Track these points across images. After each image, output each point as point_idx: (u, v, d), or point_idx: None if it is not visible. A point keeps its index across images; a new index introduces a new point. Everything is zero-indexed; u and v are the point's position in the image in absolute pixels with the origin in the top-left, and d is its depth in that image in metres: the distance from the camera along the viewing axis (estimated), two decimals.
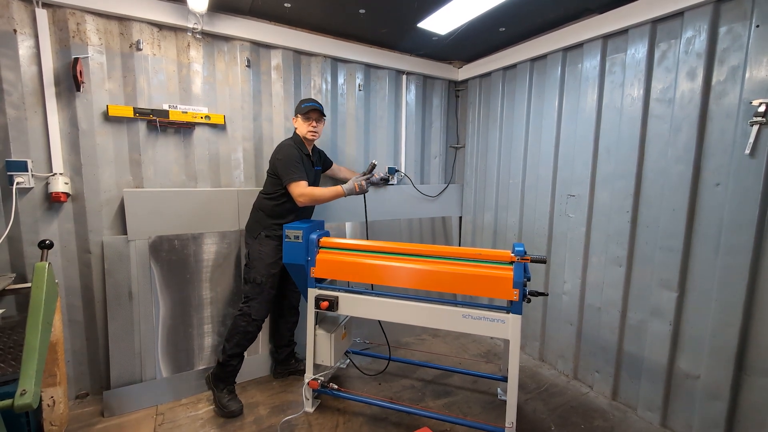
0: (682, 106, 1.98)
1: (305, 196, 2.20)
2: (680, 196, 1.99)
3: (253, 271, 2.27)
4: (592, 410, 2.27)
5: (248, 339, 2.26)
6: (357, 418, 2.17)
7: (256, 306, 2.24)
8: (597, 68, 2.37)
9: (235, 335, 2.23)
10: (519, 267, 1.82)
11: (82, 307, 2.25)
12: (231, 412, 2.14)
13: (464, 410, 2.26)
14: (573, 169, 2.54)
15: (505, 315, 1.85)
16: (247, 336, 2.25)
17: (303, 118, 2.31)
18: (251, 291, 2.27)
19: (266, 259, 2.27)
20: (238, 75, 2.54)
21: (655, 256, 2.12)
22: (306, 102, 2.33)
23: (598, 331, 2.42)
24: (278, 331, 2.59)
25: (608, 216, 2.34)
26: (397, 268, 1.99)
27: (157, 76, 2.31)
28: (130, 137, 2.28)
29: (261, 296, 2.25)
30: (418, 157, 3.40)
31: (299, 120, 2.34)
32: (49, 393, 1.94)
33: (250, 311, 2.23)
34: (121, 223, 2.28)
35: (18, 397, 1.30)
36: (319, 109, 2.31)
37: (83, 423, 2.07)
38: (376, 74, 3.09)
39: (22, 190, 2.05)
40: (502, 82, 3.08)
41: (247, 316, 2.23)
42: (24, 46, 2.00)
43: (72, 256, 2.21)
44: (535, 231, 2.84)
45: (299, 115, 2.32)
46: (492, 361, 2.83)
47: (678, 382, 2.05)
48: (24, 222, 2.07)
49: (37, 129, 2.06)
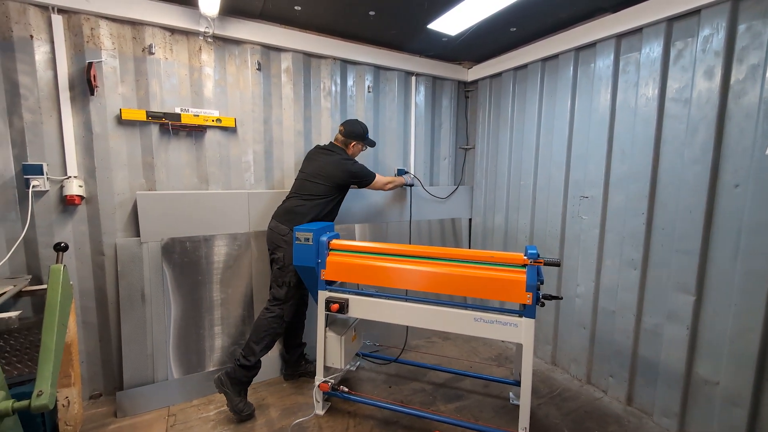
0: (699, 105, 1.93)
1: (392, 183, 2.74)
2: (697, 197, 1.95)
3: (289, 274, 2.27)
4: (606, 416, 2.23)
5: (273, 340, 2.27)
6: (367, 421, 2.15)
7: (288, 309, 2.28)
8: (610, 68, 2.33)
9: (266, 337, 2.21)
10: (532, 270, 1.80)
11: (95, 309, 2.27)
12: (247, 416, 2.13)
13: (476, 414, 2.23)
14: (586, 170, 2.50)
15: (518, 319, 1.82)
16: (276, 338, 2.28)
17: (363, 147, 2.61)
18: (286, 294, 2.27)
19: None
20: (248, 78, 2.55)
21: (671, 259, 2.08)
22: (368, 133, 2.62)
23: (612, 335, 2.38)
24: (293, 331, 2.58)
25: (622, 218, 2.30)
26: (408, 271, 1.98)
27: (170, 79, 2.33)
28: (143, 140, 2.30)
29: (294, 299, 2.29)
30: (427, 158, 3.38)
31: (359, 147, 2.59)
32: (64, 393, 1.96)
33: (284, 313, 2.25)
34: (134, 226, 2.31)
35: (35, 398, 1.31)
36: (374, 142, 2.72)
37: (97, 423, 2.09)
38: (385, 76, 3.09)
39: (37, 193, 2.08)
40: (512, 83, 3.05)
41: (280, 318, 2.25)
42: (40, 51, 2.03)
43: (86, 258, 2.23)
44: (547, 233, 2.80)
45: (362, 143, 2.59)
46: (503, 365, 2.80)
47: (696, 388, 2.00)
48: (39, 225, 2.10)
49: (53, 133, 2.10)
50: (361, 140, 2.55)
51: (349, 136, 2.51)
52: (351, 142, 2.51)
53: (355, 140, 2.52)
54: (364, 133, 2.55)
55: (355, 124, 2.53)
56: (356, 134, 2.52)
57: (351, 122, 2.54)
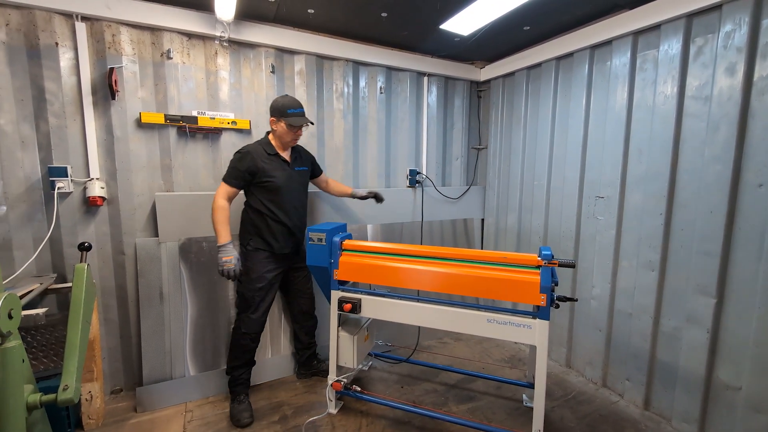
0: (721, 103, 1.88)
1: (213, 204, 2.11)
2: (718, 197, 1.90)
3: (241, 285, 2.24)
4: (622, 420, 2.19)
5: (243, 351, 2.23)
6: (380, 420, 2.17)
7: (246, 320, 2.20)
8: (627, 65, 2.29)
9: (232, 348, 2.25)
10: (546, 271, 1.78)
11: (116, 306, 2.35)
12: (240, 424, 2.09)
13: (489, 416, 2.22)
14: (602, 170, 2.46)
15: (532, 320, 1.80)
16: (242, 349, 2.22)
17: (288, 127, 2.17)
18: (240, 305, 2.25)
19: (251, 274, 2.21)
20: (263, 81, 2.59)
21: (690, 261, 2.03)
22: (293, 109, 2.17)
23: (629, 338, 2.33)
24: (296, 336, 2.61)
25: (640, 218, 2.26)
26: (421, 271, 1.98)
27: (187, 83, 2.39)
28: (161, 143, 2.36)
29: (249, 310, 2.21)
30: (439, 158, 3.38)
31: (282, 126, 2.17)
32: (87, 388, 2.04)
33: (240, 325, 2.21)
34: (153, 226, 2.37)
35: (61, 392, 1.36)
36: (310, 123, 2.27)
37: (118, 417, 2.16)
38: (397, 76, 3.10)
39: (62, 194, 2.15)
40: (526, 82, 3.02)
41: (237, 330, 2.22)
42: (65, 58, 2.11)
43: (107, 257, 2.31)
44: (561, 234, 2.77)
45: (283, 120, 2.16)
46: (516, 367, 2.78)
47: (717, 393, 1.95)
48: (64, 225, 2.18)
49: (76, 136, 2.17)
50: (277, 115, 2.16)
51: (271, 114, 2.21)
52: (271, 118, 2.21)
53: (272, 116, 2.20)
54: (282, 107, 2.15)
55: (276, 99, 2.22)
56: (272, 108, 2.19)
57: (276, 98, 2.24)
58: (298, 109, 2.20)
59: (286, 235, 2.28)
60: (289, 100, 2.20)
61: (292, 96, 2.25)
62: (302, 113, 2.23)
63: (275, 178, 2.19)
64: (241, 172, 2.13)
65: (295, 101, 2.22)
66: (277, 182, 2.19)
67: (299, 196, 2.37)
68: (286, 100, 2.20)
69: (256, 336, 2.25)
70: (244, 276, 2.21)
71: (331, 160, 2.91)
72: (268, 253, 2.24)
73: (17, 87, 2.03)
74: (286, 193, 2.25)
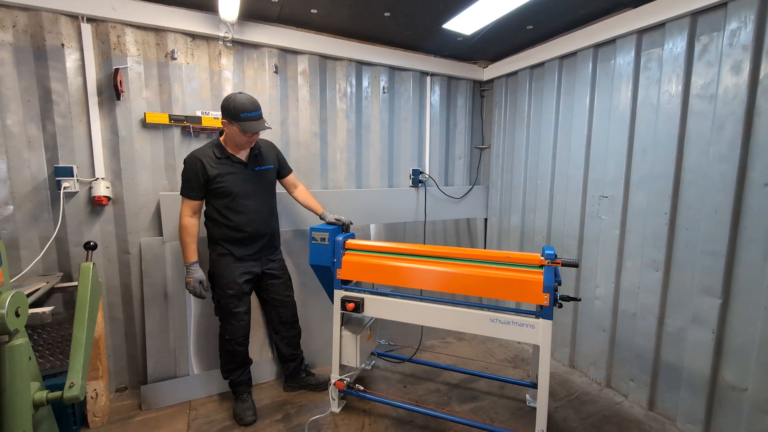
0: (726, 102, 1.87)
1: (180, 224, 2.04)
2: (724, 197, 1.88)
3: (215, 293, 2.17)
4: (627, 420, 2.18)
5: (234, 355, 2.18)
6: (382, 420, 2.17)
7: (227, 326, 2.15)
8: (631, 64, 2.28)
9: (222, 355, 2.22)
10: (549, 270, 1.77)
11: (121, 305, 2.37)
12: (243, 422, 2.11)
13: (492, 416, 2.22)
14: (606, 169, 2.45)
15: (535, 320, 1.80)
16: (230, 354, 2.18)
17: (241, 131, 1.94)
18: (218, 311, 2.20)
19: (220, 281, 2.12)
20: (266, 81, 2.60)
21: (695, 261, 2.01)
22: (247, 112, 1.91)
23: (633, 338, 2.32)
24: (277, 348, 2.45)
25: (644, 218, 2.24)
26: (424, 271, 1.98)
27: (191, 83, 2.40)
28: (166, 143, 2.38)
29: (227, 317, 2.14)
30: (442, 158, 3.37)
31: (234, 129, 1.95)
32: (92, 386, 2.05)
33: (224, 332, 2.17)
34: (158, 225, 2.39)
35: (67, 390, 1.38)
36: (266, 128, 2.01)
37: (123, 415, 2.18)
38: (400, 76, 3.10)
39: (68, 194, 2.18)
40: (529, 81, 3.01)
41: (221, 336, 2.19)
42: (71, 59, 2.13)
43: (112, 256, 2.33)
44: (564, 233, 2.76)
45: (235, 124, 1.93)
46: (519, 367, 2.77)
47: (722, 394, 1.93)
48: (70, 224, 2.20)
49: (82, 136, 2.19)
50: (228, 118, 1.93)
51: (222, 114, 1.98)
52: (223, 120, 1.98)
53: (223, 117, 1.97)
54: (234, 110, 1.90)
55: (229, 97, 1.93)
56: (223, 108, 1.95)
57: (229, 95, 1.95)
58: (252, 112, 1.93)
59: (249, 242, 2.14)
60: (243, 100, 1.92)
61: (246, 94, 1.98)
62: (258, 116, 1.96)
63: (226, 183, 2.01)
64: (193, 181, 1.99)
65: (249, 102, 1.93)
66: (229, 187, 2.02)
67: (263, 199, 2.18)
68: (239, 100, 1.91)
69: (243, 339, 2.18)
70: (214, 282, 2.15)
71: (334, 160, 2.91)
72: (234, 258, 2.12)
73: (24, 88, 2.06)
74: (244, 197, 2.07)
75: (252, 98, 1.97)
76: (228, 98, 1.95)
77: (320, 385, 2.45)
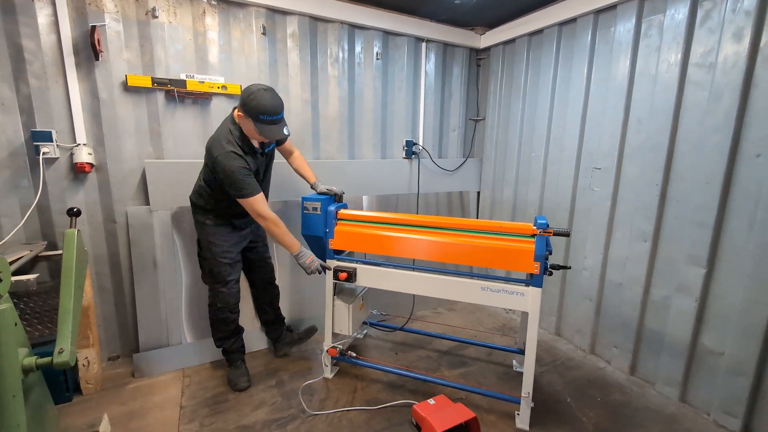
0: (725, 71, 1.84)
1: (268, 221, 1.92)
2: (715, 168, 1.89)
3: (206, 261, 2.13)
4: (609, 384, 2.27)
5: (226, 324, 2.16)
6: (374, 384, 2.23)
7: (219, 294, 2.11)
8: (631, 32, 2.22)
9: (213, 324, 2.21)
10: (541, 240, 1.78)
11: (110, 275, 2.33)
12: (237, 388, 2.13)
13: (480, 380, 2.29)
14: (600, 141, 2.43)
15: (525, 288, 1.83)
16: (223, 322, 2.16)
17: (257, 131, 1.83)
18: (209, 279, 2.16)
19: (215, 249, 2.07)
20: (253, 43, 2.48)
21: (684, 232, 2.04)
22: (268, 115, 1.78)
23: (619, 307, 2.38)
24: (260, 308, 2.50)
25: (636, 190, 2.25)
26: (417, 241, 1.98)
27: (174, 45, 2.28)
28: (150, 108, 2.28)
29: (220, 284, 2.10)
30: (436, 130, 3.31)
31: (250, 126, 1.83)
32: (83, 354, 2.05)
33: (215, 300, 2.14)
34: (144, 194, 2.33)
35: (56, 356, 1.36)
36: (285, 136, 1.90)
37: (116, 383, 2.19)
38: (394, 42, 2.98)
39: (48, 160, 2.09)
40: (527, 49, 2.93)
41: (213, 305, 2.15)
42: (42, 14, 1.99)
43: (98, 225, 2.27)
44: (556, 205, 2.77)
45: (252, 123, 1.81)
46: (507, 335, 2.84)
47: (700, 358, 2.02)
48: (52, 192, 2.13)
49: (59, 99, 2.08)
50: (244, 112, 1.80)
51: (240, 104, 1.82)
52: (239, 111, 1.84)
53: (241, 111, 1.82)
54: (254, 109, 1.76)
55: (252, 91, 1.78)
56: (243, 101, 1.79)
57: (252, 87, 1.81)
58: (273, 116, 1.79)
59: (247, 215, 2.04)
60: (265, 101, 1.77)
61: (272, 92, 1.81)
62: (277, 120, 1.82)
63: (257, 178, 2.00)
64: (250, 172, 1.88)
65: (272, 104, 1.78)
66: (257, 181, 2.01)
67: (269, 177, 2.21)
68: (260, 100, 1.76)
69: (235, 307, 2.17)
70: (207, 251, 2.10)
71: (326, 129, 2.84)
72: (229, 228, 2.10)
73: None
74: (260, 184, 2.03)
75: (276, 99, 1.82)
76: (251, 92, 1.79)
77: (306, 335, 2.53)
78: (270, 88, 1.85)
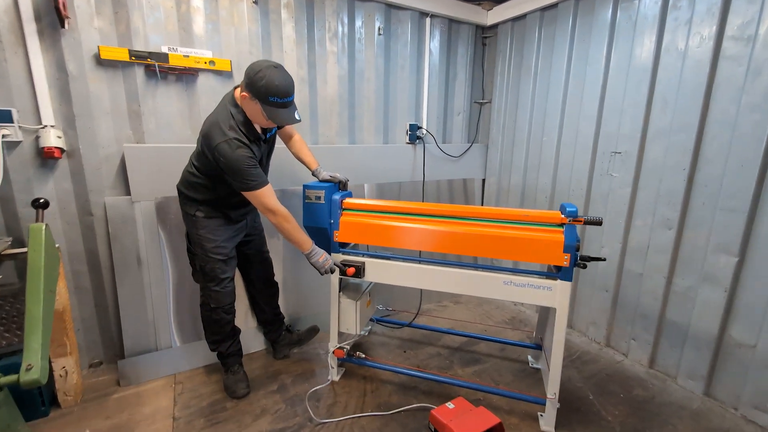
0: (766, 43, 1.70)
1: (278, 216, 1.72)
2: (752, 149, 1.76)
3: (196, 257, 1.92)
4: (629, 378, 2.17)
5: (221, 326, 1.96)
6: (385, 386, 2.07)
7: (212, 294, 1.90)
8: (659, 4, 2.05)
9: (207, 326, 2.01)
10: (571, 229, 1.64)
11: (88, 273, 2.09)
12: (236, 395, 1.96)
13: (495, 378, 2.16)
14: (620, 122, 2.29)
15: (553, 282, 1.68)
16: (218, 324, 1.95)
17: (265, 115, 1.62)
18: (200, 278, 1.96)
19: (207, 244, 1.85)
20: (244, 13, 2.22)
21: (713, 219, 1.92)
22: (278, 97, 1.57)
23: (638, 298, 2.28)
24: (257, 307, 2.32)
25: (660, 175, 2.12)
26: (434, 232, 1.80)
27: (153, 12, 2.01)
28: (127, 85, 2.01)
29: (213, 283, 1.89)
30: (440, 113, 3.12)
31: (257, 109, 1.61)
32: (60, 363, 1.83)
33: (209, 300, 1.92)
34: (124, 183, 2.08)
35: (23, 373, 1.16)
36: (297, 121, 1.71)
37: (99, 393, 1.98)
38: (397, 16, 2.75)
39: (9, 144, 1.82)
40: (539, 26, 2.75)
41: (206, 305, 1.94)
42: None
43: (72, 218, 2.02)
44: (570, 192, 2.63)
45: (260, 106, 1.59)
46: (518, 328, 2.73)
47: (728, 351, 1.92)
48: (15, 180, 1.86)
49: (20, 73, 1.80)
50: (251, 92, 1.58)
51: (245, 83, 1.60)
52: (244, 91, 1.62)
53: (247, 91, 1.60)
54: (263, 89, 1.55)
55: (260, 69, 1.55)
56: (249, 80, 1.57)
57: (260, 64, 1.58)
58: (285, 98, 1.59)
59: (245, 205, 1.89)
60: (277, 80, 1.55)
61: (283, 70, 1.59)
62: (288, 103, 1.62)
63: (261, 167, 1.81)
64: (256, 161, 1.68)
65: (283, 84, 1.56)
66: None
67: (267, 167, 2.00)
68: (270, 78, 1.54)
69: (230, 307, 1.96)
70: (198, 246, 1.87)
71: (324, 111, 2.61)
72: (223, 221, 1.89)
73: None
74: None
75: (288, 78, 1.60)
76: (259, 68, 1.56)
77: (308, 336, 2.38)
78: (279, 65, 1.61)
